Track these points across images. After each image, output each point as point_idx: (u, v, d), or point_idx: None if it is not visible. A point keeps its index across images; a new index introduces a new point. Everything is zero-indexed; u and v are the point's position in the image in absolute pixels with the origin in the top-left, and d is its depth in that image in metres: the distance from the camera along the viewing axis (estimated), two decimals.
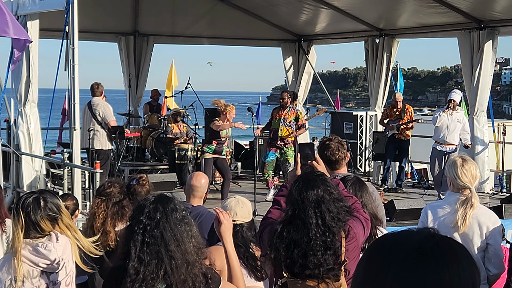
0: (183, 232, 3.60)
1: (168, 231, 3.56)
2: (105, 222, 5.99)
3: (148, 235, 3.55)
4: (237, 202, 5.33)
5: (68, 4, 11.16)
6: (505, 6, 14.91)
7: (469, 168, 5.46)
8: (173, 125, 16.40)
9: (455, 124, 14.49)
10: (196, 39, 21.05)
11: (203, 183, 6.46)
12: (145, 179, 6.74)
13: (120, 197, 6.17)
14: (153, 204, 3.64)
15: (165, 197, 3.77)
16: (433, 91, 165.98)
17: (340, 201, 4.06)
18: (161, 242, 3.54)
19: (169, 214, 3.61)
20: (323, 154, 5.92)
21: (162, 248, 3.53)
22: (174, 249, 3.55)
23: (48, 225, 4.70)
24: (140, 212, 3.63)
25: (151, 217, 3.59)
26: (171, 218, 3.60)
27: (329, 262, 3.93)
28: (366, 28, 18.64)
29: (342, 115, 19.37)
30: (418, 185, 17.14)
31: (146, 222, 3.58)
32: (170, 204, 3.67)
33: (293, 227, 3.96)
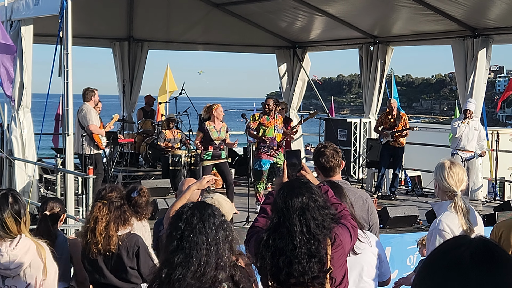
0: (222, 237, 3.62)
1: (204, 235, 3.58)
2: (108, 226, 5.99)
3: (185, 240, 3.57)
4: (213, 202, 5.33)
5: (62, 9, 11.15)
6: (499, 14, 14.95)
7: (456, 171, 5.42)
8: (166, 131, 16.38)
9: (473, 133, 14.81)
10: (191, 45, 21.05)
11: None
12: (145, 190, 6.82)
13: (121, 202, 6.19)
14: (190, 210, 3.66)
15: (203, 203, 3.81)
16: (427, 99, 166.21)
17: (326, 208, 4.04)
18: (195, 246, 3.55)
19: (207, 219, 3.63)
20: (317, 161, 5.90)
21: (203, 251, 3.55)
22: (215, 252, 3.57)
23: (13, 225, 4.67)
24: (178, 219, 3.65)
25: (189, 222, 3.61)
26: (209, 224, 3.62)
27: (314, 270, 3.91)
28: (360, 35, 18.67)
29: (336, 122, 19.37)
30: (411, 192, 17.14)
31: (184, 228, 3.60)
32: (208, 209, 3.70)
33: (278, 235, 3.94)
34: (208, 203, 3.83)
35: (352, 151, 18.47)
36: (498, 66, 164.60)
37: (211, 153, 13.50)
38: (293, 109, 20.55)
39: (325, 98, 52.70)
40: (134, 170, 16.90)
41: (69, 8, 11.15)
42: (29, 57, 12.75)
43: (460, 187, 5.40)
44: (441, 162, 5.58)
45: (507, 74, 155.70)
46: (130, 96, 19.18)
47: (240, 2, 18.89)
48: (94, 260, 6.05)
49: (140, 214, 6.78)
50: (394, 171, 16.15)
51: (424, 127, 22.96)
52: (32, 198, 12.62)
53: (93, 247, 5.95)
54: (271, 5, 18.26)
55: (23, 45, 12.65)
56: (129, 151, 17.35)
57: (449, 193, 5.42)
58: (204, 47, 21.30)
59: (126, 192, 6.73)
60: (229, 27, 19.88)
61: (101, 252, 5.96)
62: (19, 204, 4.77)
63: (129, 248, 6.07)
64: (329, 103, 27.98)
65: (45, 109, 12.06)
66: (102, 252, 5.96)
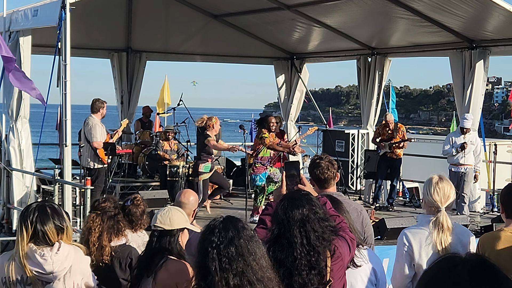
0: (255, 248, 3.59)
1: (242, 246, 3.55)
2: (101, 237, 5.96)
3: (223, 252, 3.53)
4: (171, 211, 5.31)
5: (60, 20, 11.17)
6: (496, 26, 14.99)
7: (442, 187, 5.40)
8: (164, 143, 16.39)
9: (469, 147, 14.61)
10: (189, 56, 21.07)
11: (192, 200, 6.48)
12: (140, 200, 6.75)
13: (114, 211, 6.17)
14: (222, 224, 3.63)
15: (233, 217, 3.75)
16: (425, 110, 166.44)
17: (326, 220, 4.05)
18: (237, 257, 3.51)
19: (240, 231, 3.60)
20: (312, 172, 5.90)
21: (241, 262, 3.51)
22: (251, 263, 3.53)
23: (54, 235, 4.69)
24: (211, 233, 3.60)
25: (223, 235, 3.57)
26: (242, 235, 3.59)
27: (314, 282, 3.92)
28: (358, 46, 18.71)
29: (334, 133, 19.39)
30: (409, 203, 17.15)
31: (218, 241, 3.55)
32: (239, 222, 3.67)
33: (279, 246, 3.95)
34: (237, 217, 3.79)
35: (350, 162, 18.48)
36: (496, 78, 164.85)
37: (210, 166, 13.50)
38: (291, 120, 20.58)
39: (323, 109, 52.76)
40: (132, 181, 16.91)
41: (68, 19, 11.17)
42: (27, 67, 12.75)
43: (445, 203, 5.38)
44: (430, 177, 5.59)
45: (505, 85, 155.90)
46: (128, 107, 19.18)
47: (238, 14, 18.93)
48: None
49: (135, 224, 6.72)
50: (392, 183, 16.15)
51: (422, 138, 22.99)
52: None
53: None
54: (269, 17, 18.30)
55: (21, 56, 12.66)
56: (127, 162, 17.36)
57: (433, 208, 5.42)
58: (202, 58, 21.32)
59: (123, 201, 6.72)
60: (227, 38, 19.93)
61: (93, 263, 5.91)
62: (59, 215, 4.78)
63: (121, 259, 6.04)
64: (327, 114, 28.03)
65: (43, 120, 12.07)
66: (95, 263, 5.90)
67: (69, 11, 11.17)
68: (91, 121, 13.71)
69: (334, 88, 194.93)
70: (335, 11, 16.71)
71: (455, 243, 5.39)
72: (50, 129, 23.34)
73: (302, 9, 17.28)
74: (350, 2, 15.81)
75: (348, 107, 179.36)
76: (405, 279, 5.45)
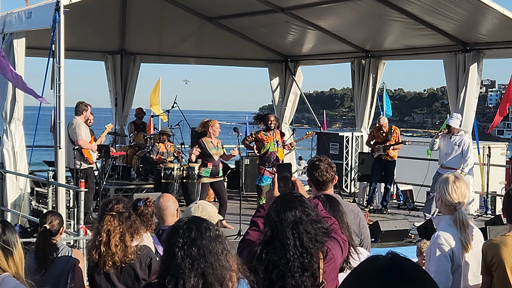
0: (218, 249, 3.64)
1: (204, 247, 3.60)
2: (123, 237, 5.96)
3: (186, 252, 3.59)
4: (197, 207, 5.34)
5: (54, 22, 11.16)
6: (490, 29, 15.02)
7: (460, 186, 5.46)
8: (160, 144, 16.38)
9: (453, 148, 14.47)
10: (183, 59, 21.09)
11: (171, 202, 6.57)
12: (151, 201, 6.81)
13: (129, 212, 6.18)
14: (186, 225, 3.69)
15: (197, 218, 3.83)
16: (419, 112, 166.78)
17: (318, 222, 4.05)
18: (199, 257, 3.57)
19: (203, 232, 3.65)
20: (311, 174, 5.92)
21: (202, 263, 3.56)
22: (213, 263, 3.58)
23: (2, 258, 4.56)
24: (176, 233, 3.67)
25: (186, 236, 3.63)
26: (205, 236, 3.64)
27: (307, 284, 3.92)
28: (352, 49, 18.73)
29: (328, 136, 19.39)
30: (403, 206, 17.16)
31: (182, 241, 3.61)
32: (203, 223, 3.73)
33: (272, 248, 3.95)
34: (202, 218, 3.84)
35: (344, 164, 18.48)
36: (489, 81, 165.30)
37: (210, 170, 13.46)
38: (285, 123, 20.58)
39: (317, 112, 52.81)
40: (126, 183, 16.88)
41: (62, 21, 11.16)
42: (21, 70, 12.73)
43: (462, 201, 5.46)
44: (445, 176, 5.62)
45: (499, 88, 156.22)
46: (122, 109, 19.17)
47: (232, 16, 18.94)
48: (106, 274, 6.00)
49: (146, 224, 6.77)
50: (386, 185, 16.17)
51: (416, 141, 22.99)
52: (23, 211, 12.59)
53: (108, 260, 5.88)
54: (263, 19, 18.32)
55: (15, 58, 12.63)
56: (121, 164, 17.34)
57: (452, 207, 5.45)
58: (197, 60, 21.33)
59: (132, 203, 6.75)
60: (221, 40, 19.93)
61: (116, 264, 5.91)
62: (11, 235, 4.68)
63: (142, 259, 6.06)
64: (321, 117, 28.05)
65: (37, 122, 12.05)
66: (118, 264, 5.91)
67: (63, 13, 11.16)
68: (75, 122, 13.70)
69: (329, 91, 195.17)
70: (329, 13, 16.73)
71: (475, 240, 5.47)
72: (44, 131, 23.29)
73: (297, 12, 17.30)
74: (344, 5, 15.84)
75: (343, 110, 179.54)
76: (449, 281, 5.41)
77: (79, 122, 13.68)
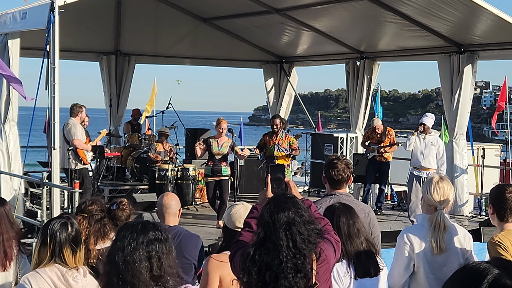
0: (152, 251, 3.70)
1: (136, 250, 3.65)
2: (88, 240, 5.94)
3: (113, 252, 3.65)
4: (246, 209, 5.45)
5: (49, 23, 11.15)
6: (484, 31, 15.05)
7: (442, 187, 5.46)
8: (158, 144, 16.39)
9: (430, 148, 14.38)
10: (178, 59, 21.08)
11: (174, 202, 6.53)
12: (126, 204, 6.70)
13: (101, 215, 6.15)
14: (126, 227, 3.76)
15: (142, 221, 3.88)
16: (414, 114, 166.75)
17: (311, 223, 4.05)
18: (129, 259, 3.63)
19: (139, 234, 3.70)
20: (327, 172, 6.07)
21: (121, 266, 3.62)
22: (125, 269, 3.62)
23: (70, 254, 4.66)
24: (119, 231, 3.75)
25: (123, 236, 3.69)
26: (142, 239, 3.69)
27: (300, 285, 3.91)
28: (347, 50, 18.75)
29: (323, 137, 19.40)
30: (397, 207, 17.17)
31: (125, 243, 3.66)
32: (139, 226, 3.79)
33: (265, 249, 3.95)
34: (147, 220, 3.90)
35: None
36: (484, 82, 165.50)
37: (211, 168, 13.49)
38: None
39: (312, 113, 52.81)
40: (121, 184, 16.86)
41: (57, 22, 11.15)
42: (16, 70, 12.70)
43: (444, 203, 5.44)
44: (430, 177, 5.65)
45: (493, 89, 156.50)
46: (117, 110, 19.15)
47: (227, 17, 18.94)
48: None
49: None
50: (380, 186, 16.18)
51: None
52: (17, 212, 12.56)
53: None
54: (258, 20, 18.32)
55: (10, 59, 12.60)
56: (115, 165, 17.33)
57: (432, 207, 5.46)
58: (192, 61, 21.33)
59: (109, 205, 6.70)
60: (216, 41, 19.93)
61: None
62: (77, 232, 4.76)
63: None
64: (316, 118, 28.08)
65: (32, 123, 12.03)
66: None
67: (57, 13, 11.15)
68: (71, 122, 13.71)
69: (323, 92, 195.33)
70: (324, 15, 16.74)
71: (451, 243, 5.45)
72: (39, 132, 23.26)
73: (291, 13, 17.31)
74: (339, 6, 15.86)
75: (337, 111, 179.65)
76: (403, 278, 5.49)
77: (75, 123, 13.69)
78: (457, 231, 5.53)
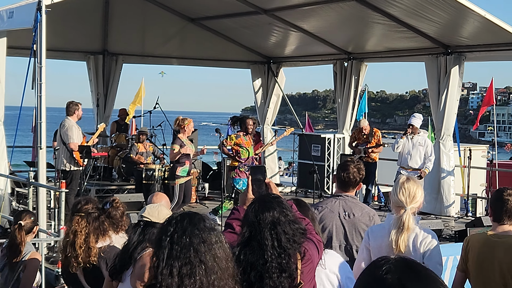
0: (212, 239, 3.51)
1: (196, 237, 3.48)
2: (88, 238, 5.96)
3: (176, 242, 3.47)
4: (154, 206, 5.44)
5: (36, 22, 11.11)
6: (471, 32, 15.10)
7: (408, 187, 5.44)
8: (138, 144, 16.33)
9: (417, 148, 14.51)
10: (166, 59, 21.06)
11: (164, 202, 6.52)
12: (118, 202, 6.73)
13: (98, 213, 6.17)
14: (180, 216, 3.60)
15: (191, 212, 3.71)
16: (401, 115, 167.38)
17: (296, 223, 4.06)
18: (189, 247, 3.44)
19: (196, 222, 3.55)
20: (338, 173, 6.19)
21: (192, 252, 3.44)
22: (204, 253, 3.45)
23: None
24: (168, 223, 3.57)
25: (178, 226, 3.52)
26: (199, 226, 3.53)
27: (285, 285, 3.92)
28: (335, 51, 18.78)
29: (310, 137, 19.41)
30: (384, 207, 17.19)
31: (173, 230, 3.49)
32: (197, 215, 3.63)
33: (250, 249, 3.95)
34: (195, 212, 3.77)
35: (326, 166, 18.50)
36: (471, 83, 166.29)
37: (188, 169, 13.39)
38: (267, 124, 20.60)
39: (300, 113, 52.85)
40: (108, 184, 16.82)
41: (43, 21, 11.11)
42: (2, 69, 12.66)
43: (410, 203, 5.41)
44: (399, 177, 5.71)
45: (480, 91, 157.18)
46: (104, 109, 19.10)
47: (215, 17, 18.94)
48: (73, 274, 6.02)
49: (116, 226, 6.73)
50: (367, 187, 16.21)
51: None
52: (3, 212, 12.52)
53: (73, 260, 5.92)
54: (246, 21, 18.33)
55: None
56: (102, 165, 17.28)
57: (399, 208, 5.46)
58: (179, 61, 21.30)
59: (102, 205, 6.71)
60: (204, 41, 19.92)
61: (81, 265, 5.92)
62: None
63: (108, 260, 6.04)
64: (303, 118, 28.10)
65: (18, 122, 11.99)
66: (82, 265, 5.92)
67: (44, 13, 11.11)
68: (67, 123, 13.65)
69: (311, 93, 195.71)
70: (311, 15, 16.76)
71: (412, 245, 5.44)
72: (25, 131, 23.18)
73: (279, 14, 17.32)
74: (326, 7, 15.88)
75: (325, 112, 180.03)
76: (359, 270, 5.50)
77: (71, 124, 13.59)
78: (420, 234, 5.50)
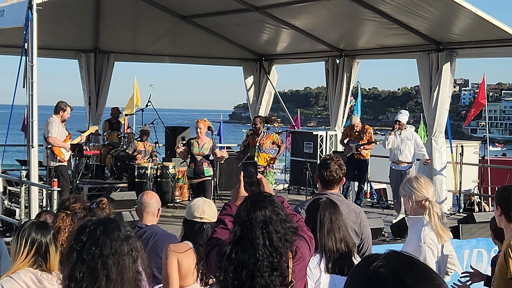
0: (124, 249, 3.55)
1: (107, 247, 3.52)
2: (70, 237, 5.93)
3: (85, 252, 3.50)
4: (204, 201, 5.54)
5: (27, 20, 11.08)
6: (463, 29, 15.13)
7: (424, 181, 5.57)
8: (138, 143, 16.30)
9: (405, 143, 14.69)
10: (158, 57, 21.02)
11: (154, 200, 6.51)
12: (105, 203, 6.69)
13: (84, 213, 6.14)
14: (94, 225, 3.61)
15: (108, 218, 3.76)
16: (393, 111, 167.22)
17: (288, 222, 4.06)
18: (98, 259, 3.48)
19: (110, 232, 3.57)
20: (320, 172, 6.07)
21: (98, 264, 3.48)
22: (111, 265, 3.49)
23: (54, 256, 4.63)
24: (81, 232, 3.58)
25: (92, 235, 3.55)
26: (112, 236, 3.55)
27: (276, 283, 3.92)
28: (326, 48, 18.78)
29: (302, 135, 19.43)
30: (377, 204, 17.25)
31: (86, 240, 3.52)
32: (112, 223, 3.65)
33: (241, 248, 3.95)
34: (113, 218, 3.80)
35: (317, 163, 18.49)
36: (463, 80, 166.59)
37: (193, 170, 13.42)
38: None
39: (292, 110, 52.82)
40: (100, 182, 16.79)
41: (35, 20, 11.08)
42: None
43: (431, 193, 5.51)
44: (407, 178, 5.70)
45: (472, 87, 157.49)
46: (96, 108, 19.05)
47: (207, 15, 18.92)
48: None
49: None
50: (359, 184, 16.23)
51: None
52: None
53: None
54: (237, 18, 18.31)
55: None
56: (94, 163, 17.24)
57: (423, 202, 5.49)
58: (171, 59, 21.28)
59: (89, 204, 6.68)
60: (196, 39, 19.90)
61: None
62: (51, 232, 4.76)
63: None
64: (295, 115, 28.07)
65: (9, 121, 11.96)
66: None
67: (36, 11, 11.08)
68: (50, 119, 13.58)
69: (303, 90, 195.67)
70: (303, 13, 16.76)
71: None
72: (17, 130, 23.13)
73: (271, 11, 17.32)
74: (318, 4, 15.88)
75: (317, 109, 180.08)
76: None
77: (53, 120, 13.56)
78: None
